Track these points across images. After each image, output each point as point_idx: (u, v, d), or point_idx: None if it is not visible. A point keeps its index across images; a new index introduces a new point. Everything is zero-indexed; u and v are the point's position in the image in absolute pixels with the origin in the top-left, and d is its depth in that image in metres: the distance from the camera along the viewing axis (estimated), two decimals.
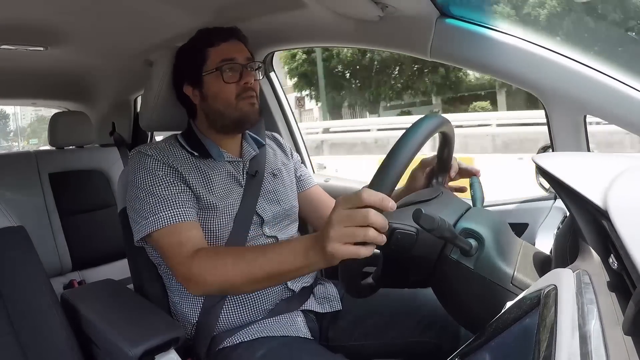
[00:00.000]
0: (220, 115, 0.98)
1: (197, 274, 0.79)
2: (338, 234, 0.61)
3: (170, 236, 0.85)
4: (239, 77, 0.96)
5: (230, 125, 0.99)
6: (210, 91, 0.97)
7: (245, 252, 0.79)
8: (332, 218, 0.62)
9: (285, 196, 1.07)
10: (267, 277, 0.74)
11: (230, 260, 0.77)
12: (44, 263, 0.98)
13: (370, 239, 0.60)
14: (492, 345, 0.43)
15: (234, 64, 0.96)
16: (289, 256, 0.70)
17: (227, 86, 0.95)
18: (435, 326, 0.95)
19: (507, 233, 0.73)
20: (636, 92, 0.84)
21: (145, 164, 0.92)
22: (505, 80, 1.00)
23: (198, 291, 0.84)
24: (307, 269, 0.70)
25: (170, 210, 0.87)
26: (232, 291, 0.88)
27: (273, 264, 0.72)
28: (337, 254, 0.61)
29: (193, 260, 0.81)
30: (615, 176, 0.45)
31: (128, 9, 1.28)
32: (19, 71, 1.80)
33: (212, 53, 0.97)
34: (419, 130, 0.67)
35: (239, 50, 0.98)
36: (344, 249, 0.61)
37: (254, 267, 0.74)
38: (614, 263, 0.40)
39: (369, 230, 0.59)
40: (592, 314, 0.35)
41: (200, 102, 1.00)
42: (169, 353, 0.85)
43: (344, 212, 0.61)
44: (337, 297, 1.05)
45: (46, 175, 1.89)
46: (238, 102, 0.96)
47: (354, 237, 0.60)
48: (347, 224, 0.60)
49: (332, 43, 1.38)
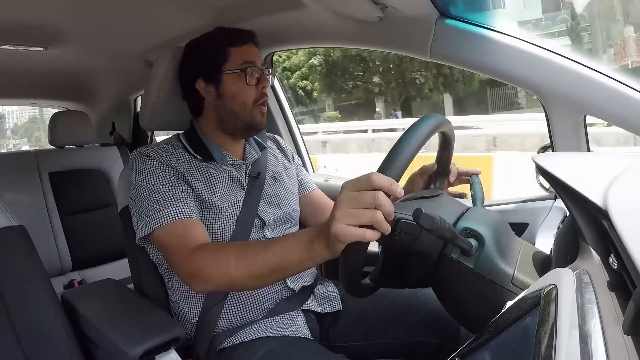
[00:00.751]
0: (234, 115, 0.98)
1: (200, 270, 0.78)
2: (344, 214, 0.59)
3: (174, 233, 0.85)
4: (257, 80, 0.98)
5: (241, 128, 0.99)
6: (228, 90, 0.97)
7: (249, 247, 0.77)
8: (339, 199, 0.61)
9: (287, 200, 1.07)
10: (271, 271, 0.72)
11: (233, 255, 0.76)
12: (44, 263, 0.98)
13: (377, 221, 0.58)
14: (492, 345, 0.43)
15: (256, 67, 0.97)
16: (292, 249, 0.69)
17: (248, 89, 0.96)
18: (435, 326, 0.95)
19: (507, 233, 0.73)
20: (636, 93, 0.84)
21: (147, 164, 0.92)
22: (505, 80, 1.00)
23: (201, 288, 0.82)
24: (312, 261, 0.69)
25: (173, 208, 0.87)
26: (235, 287, 0.86)
27: (276, 258, 0.71)
28: (342, 235, 0.60)
29: (195, 255, 0.80)
30: (615, 176, 0.45)
31: (128, 9, 1.28)
32: (19, 71, 1.79)
33: (233, 53, 0.97)
34: (427, 124, 0.68)
35: (257, 54, 1.00)
36: (349, 231, 0.59)
37: (257, 261, 0.72)
38: (614, 263, 0.40)
39: (377, 213, 0.58)
40: (592, 314, 0.35)
41: (214, 99, 0.99)
42: (169, 353, 0.85)
43: (352, 194, 0.60)
44: (337, 297, 1.06)
45: (46, 174, 1.89)
46: (253, 108, 0.97)
47: (360, 218, 0.59)
48: (355, 205, 0.59)
49: (332, 44, 1.38)
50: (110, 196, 1.98)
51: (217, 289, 0.86)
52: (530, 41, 0.93)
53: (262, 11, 1.21)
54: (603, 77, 0.87)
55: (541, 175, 0.60)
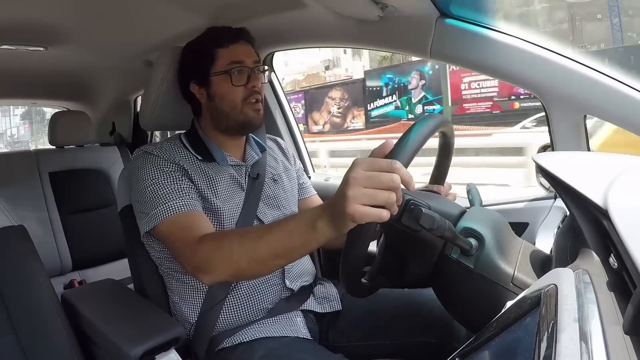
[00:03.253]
0: (225, 116, 0.98)
1: (205, 260, 0.77)
2: (359, 193, 0.58)
3: (178, 225, 0.85)
4: (247, 80, 0.97)
5: (235, 127, 0.99)
6: (217, 92, 0.98)
7: (251, 231, 0.77)
8: (351, 176, 0.59)
9: (286, 202, 1.07)
10: (273, 254, 0.71)
11: (236, 240, 0.75)
12: (44, 263, 0.98)
13: (392, 202, 0.58)
14: (492, 345, 0.43)
15: (243, 67, 0.97)
16: (294, 232, 0.68)
17: (235, 89, 0.96)
18: (435, 326, 0.95)
19: (508, 232, 0.73)
20: (636, 92, 0.84)
21: (152, 161, 0.92)
22: (506, 80, 1.00)
23: (209, 279, 0.80)
24: (316, 242, 0.67)
25: (178, 200, 0.87)
26: (241, 275, 0.82)
27: (279, 240, 0.69)
28: (359, 214, 0.58)
29: (200, 245, 0.79)
30: (616, 176, 0.45)
31: (128, 9, 1.28)
32: (19, 71, 1.80)
33: (221, 54, 0.97)
34: (435, 119, 0.69)
35: (247, 53, 0.99)
36: (367, 211, 0.58)
37: (260, 244, 0.71)
38: (614, 263, 0.40)
39: (392, 194, 0.58)
40: (592, 314, 0.35)
41: (207, 102, 1.00)
42: (169, 353, 0.84)
43: (368, 173, 0.59)
44: (337, 297, 1.05)
45: (46, 174, 1.89)
46: (244, 107, 0.97)
47: (375, 198, 0.58)
48: (370, 185, 0.58)
49: (332, 43, 1.38)
50: (110, 196, 1.98)
51: (225, 278, 0.82)
52: (530, 41, 0.93)
53: (262, 11, 1.21)
54: (603, 77, 0.87)
55: (541, 175, 0.60)
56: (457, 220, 0.71)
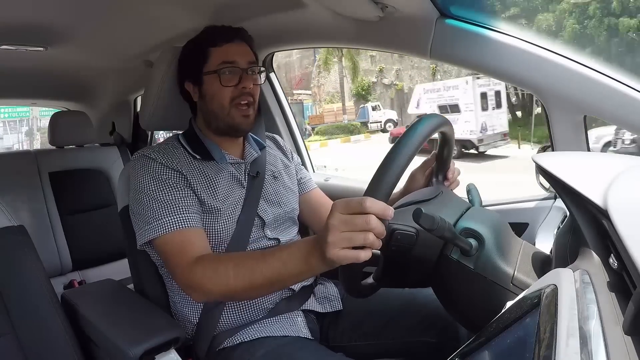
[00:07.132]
0: (214, 117, 0.98)
1: (199, 283, 0.79)
2: (337, 238, 0.61)
3: (173, 243, 0.85)
4: (238, 80, 0.96)
5: (224, 128, 0.99)
6: (208, 91, 0.97)
7: (246, 259, 0.78)
8: (330, 223, 0.62)
9: (286, 198, 1.07)
10: (269, 283, 0.73)
11: (232, 267, 0.76)
12: (44, 263, 0.98)
13: (369, 243, 0.60)
14: (492, 345, 0.43)
15: (234, 67, 0.96)
16: (289, 262, 0.70)
17: (224, 89, 0.95)
18: (435, 326, 0.95)
19: (508, 233, 0.73)
20: (636, 92, 0.84)
21: (149, 167, 0.92)
22: (506, 80, 1.00)
23: (200, 299, 0.84)
24: (309, 273, 0.70)
25: (173, 216, 0.86)
26: (234, 298, 0.88)
27: (274, 270, 0.72)
28: (337, 259, 0.61)
29: (194, 268, 0.80)
30: (615, 176, 0.45)
31: (128, 10, 1.28)
32: (19, 71, 1.80)
33: (213, 53, 0.96)
34: (415, 134, 0.67)
35: (241, 52, 0.98)
36: (343, 254, 0.61)
37: (255, 273, 0.73)
38: (614, 263, 0.40)
39: (369, 235, 0.60)
40: (592, 314, 0.35)
41: (200, 101, 1.00)
42: (169, 353, 0.85)
43: (343, 217, 0.61)
44: (337, 297, 1.05)
45: (46, 174, 1.89)
46: (231, 109, 0.96)
47: (353, 241, 0.60)
48: (345, 229, 0.60)
49: (332, 43, 1.38)
50: (110, 196, 1.98)
51: (217, 299, 0.88)
52: (530, 41, 0.93)
53: (262, 11, 1.21)
54: (603, 77, 0.87)
55: (541, 175, 0.60)
56: (457, 220, 0.71)
